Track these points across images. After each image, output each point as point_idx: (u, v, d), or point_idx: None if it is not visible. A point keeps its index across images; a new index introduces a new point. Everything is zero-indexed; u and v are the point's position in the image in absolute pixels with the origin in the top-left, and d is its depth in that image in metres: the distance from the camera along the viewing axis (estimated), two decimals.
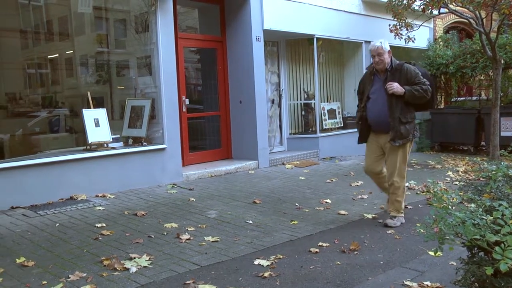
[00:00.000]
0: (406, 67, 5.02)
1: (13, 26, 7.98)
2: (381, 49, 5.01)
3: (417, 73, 4.99)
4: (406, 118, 4.95)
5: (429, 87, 4.94)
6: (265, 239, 4.50)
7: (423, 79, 4.97)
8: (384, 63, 5.01)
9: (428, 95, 4.95)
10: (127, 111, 7.34)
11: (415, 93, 4.89)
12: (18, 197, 5.67)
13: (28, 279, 3.55)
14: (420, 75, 5.00)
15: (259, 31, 8.45)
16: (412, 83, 4.93)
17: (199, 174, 7.54)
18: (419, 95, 4.91)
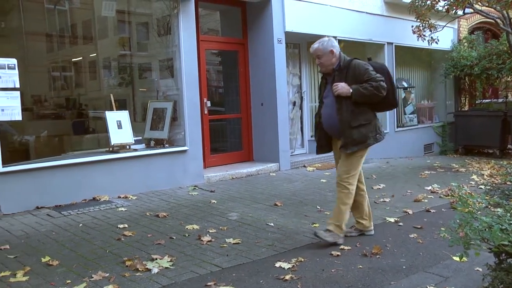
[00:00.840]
0: (354, 63, 4.42)
1: (40, 30, 8.13)
2: (319, 50, 4.46)
3: (367, 69, 4.36)
4: (357, 121, 4.35)
5: (382, 83, 4.30)
6: (286, 242, 4.48)
7: (375, 74, 4.34)
8: (325, 65, 4.49)
9: (380, 92, 4.30)
10: (149, 113, 7.41)
11: (363, 92, 4.30)
12: (43, 198, 5.77)
13: (53, 278, 3.60)
14: (371, 70, 4.36)
15: (281, 33, 8.44)
16: (362, 81, 4.33)
17: (221, 176, 7.56)
18: (369, 93, 4.30)
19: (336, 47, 4.47)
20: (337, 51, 4.48)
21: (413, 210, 5.66)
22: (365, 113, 4.41)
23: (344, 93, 4.33)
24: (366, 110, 4.42)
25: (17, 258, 4.04)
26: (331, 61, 4.47)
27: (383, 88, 4.32)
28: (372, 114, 4.48)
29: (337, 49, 4.48)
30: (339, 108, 4.40)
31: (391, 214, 5.47)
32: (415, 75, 12.76)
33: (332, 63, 4.47)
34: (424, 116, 12.59)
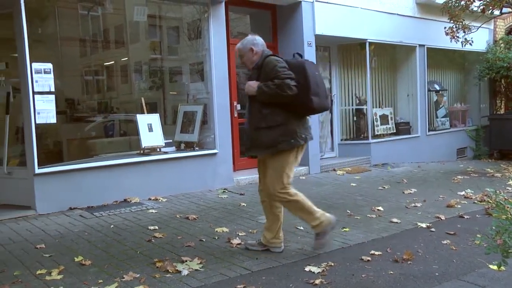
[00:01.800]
0: (267, 60, 4.07)
1: (73, 36, 8.32)
2: (239, 50, 4.24)
3: (275, 66, 3.97)
4: (265, 123, 4.00)
5: (287, 81, 3.89)
6: None
7: (283, 72, 3.93)
8: (247, 64, 4.25)
9: (284, 91, 3.88)
10: (180, 116, 7.48)
11: (265, 90, 3.95)
12: (76, 199, 5.89)
13: (86, 277, 3.67)
14: (279, 67, 3.95)
15: (311, 36, 8.41)
16: (270, 78, 3.96)
17: (250, 179, 7.57)
18: (271, 91, 3.93)
19: (257, 45, 4.19)
20: (258, 48, 4.18)
21: (446, 216, 5.53)
22: (276, 115, 4.01)
23: (250, 91, 4.08)
24: (278, 111, 4.01)
25: (52, 257, 4.13)
26: (251, 60, 4.20)
27: (288, 86, 3.89)
28: (285, 116, 4.01)
29: (258, 47, 4.18)
30: (248, 109, 4.19)
31: (423, 219, 5.37)
32: (448, 77, 12.51)
33: (253, 61, 4.20)
34: (457, 119, 12.33)
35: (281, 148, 4.02)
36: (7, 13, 5.89)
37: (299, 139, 4.06)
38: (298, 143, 4.06)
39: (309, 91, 3.95)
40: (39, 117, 5.70)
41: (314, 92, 3.98)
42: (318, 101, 4.01)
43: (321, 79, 4.15)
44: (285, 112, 4.02)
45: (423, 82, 10.86)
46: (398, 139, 10.26)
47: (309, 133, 4.20)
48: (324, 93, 4.11)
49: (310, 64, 4.13)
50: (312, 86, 3.97)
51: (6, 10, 5.84)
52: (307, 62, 4.12)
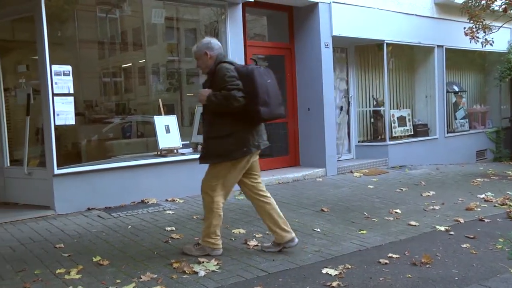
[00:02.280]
0: (218, 68, 4.00)
1: (92, 38, 8.40)
2: (195, 53, 4.18)
3: (224, 75, 3.93)
4: (215, 132, 4.01)
5: (234, 92, 3.85)
6: (333, 248, 4.42)
7: (231, 82, 3.90)
8: (203, 68, 4.18)
9: (229, 102, 3.86)
10: (197, 118, 7.48)
11: (213, 100, 3.92)
12: (94, 199, 5.95)
13: (104, 277, 3.70)
14: (228, 77, 3.91)
15: (328, 38, 8.38)
16: (220, 88, 3.93)
17: (267, 181, 7.55)
18: (218, 102, 3.90)
19: (211, 49, 4.11)
20: (213, 52, 4.10)
21: (465, 219, 5.45)
22: (227, 124, 3.99)
23: (201, 101, 4.06)
24: (229, 120, 3.99)
25: (70, 256, 4.18)
26: (206, 64, 4.12)
27: (234, 98, 3.86)
28: (236, 125, 3.99)
29: (213, 51, 4.11)
30: (202, 118, 4.20)
31: (441, 222, 5.30)
32: (467, 78, 12.35)
33: (208, 65, 4.12)
34: (477, 121, 12.16)
35: (233, 157, 4.02)
36: (28, 16, 5.99)
37: (251, 147, 4.04)
38: (250, 151, 4.04)
39: (257, 101, 3.89)
40: (58, 118, 5.77)
41: (262, 102, 3.91)
42: (267, 110, 3.95)
43: (274, 87, 4.06)
44: (236, 121, 3.98)
45: (442, 83, 10.74)
46: (416, 141, 10.17)
47: (263, 140, 4.16)
48: (276, 101, 4.04)
49: (261, 71, 4.02)
50: (261, 96, 3.90)
51: (27, 13, 5.94)
52: (257, 70, 4.00)
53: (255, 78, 3.91)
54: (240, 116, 3.96)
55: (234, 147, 3.99)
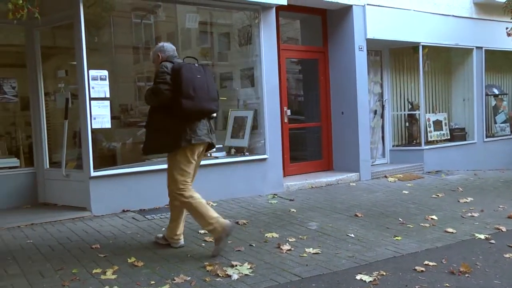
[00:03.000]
0: (159, 66, 4.33)
1: (127, 43, 8.57)
2: (151, 56, 4.58)
3: (158, 71, 4.27)
4: (154, 126, 4.34)
5: (159, 86, 4.17)
6: (367, 254, 4.35)
7: (160, 77, 4.19)
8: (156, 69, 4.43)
9: (156, 95, 4.20)
10: (230, 121, 7.54)
11: (146, 95, 4.33)
12: (129, 201, 6.04)
13: (138, 278, 3.75)
14: (160, 73, 4.22)
15: (362, 41, 8.29)
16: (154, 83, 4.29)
17: (300, 185, 7.53)
18: (147, 95, 4.31)
19: (164, 51, 4.45)
20: (164, 54, 4.43)
21: (507, 227, 5.26)
22: (163, 119, 4.26)
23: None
24: (165, 115, 4.25)
25: (106, 257, 4.26)
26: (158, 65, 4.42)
27: (159, 90, 4.18)
28: (170, 121, 4.22)
29: (165, 53, 4.44)
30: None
31: (481, 230, 5.14)
32: (509, 81, 11.95)
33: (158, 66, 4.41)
34: None
35: (166, 150, 4.36)
36: (67, 24, 6.16)
37: (182, 141, 4.22)
38: (179, 145, 4.23)
39: (181, 94, 4.13)
40: (94, 122, 5.90)
41: (186, 95, 4.14)
42: (191, 103, 4.16)
43: (202, 82, 4.27)
44: (171, 116, 4.22)
45: (480, 86, 10.46)
46: (453, 146, 9.93)
47: (198, 135, 4.30)
48: (204, 95, 4.24)
49: (191, 67, 4.27)
50: (184, 90, 4.13)
51: (67, 21, 6.11)
52: (187, 66, 4.27)
53: (182, 73, 4.17)
54: (175, 111, 4.20)
55: (167, 140, 4.25)
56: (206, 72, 4.39)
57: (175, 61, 4.39)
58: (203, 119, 4.39)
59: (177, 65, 4.28)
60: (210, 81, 4.40)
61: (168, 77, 4.21)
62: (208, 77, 4.38)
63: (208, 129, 4.44)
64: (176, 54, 4.52)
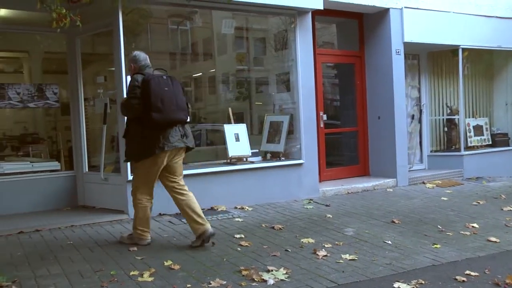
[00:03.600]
0: (131, 79, 4.64)
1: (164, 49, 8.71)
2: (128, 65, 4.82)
3: (129, 85, 4.58)
4: (129, 135, 4.65)
5: (130, 100, 4.47)
6: (405, 262, 4.26)
7: (132, 91, 4.49)
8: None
9: (127, 109, 4.58)
10: (266, 126, 7.54)
11: (119, 108, 4.69)
12: (166, 205, 6.05)
13: (175, 281, 3.78)
14: (130, 86, 4.53)
15: (399, 44, 8.16)
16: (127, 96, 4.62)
17: (336, 191, 7.46)
18: (120, 109, 4.70)
19: (135, 61, 4.69)
20: (136, 64, 4.68)
21: None
22: (136, 127, 4.56)
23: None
24: (135, 126, 4.57)
25: (143, 259, 4.31)
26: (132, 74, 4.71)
27: (130, 105, 4.51)
28: (143, 129, 4.49)
29: (137, 63, 4.68)
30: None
31: None
32: None
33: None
34: None
35: (140, 157, 4.59)
36: (106, 31, 6.31)
37: (156, 149, 4.48)
38: (153, 152, 4.48)
39: (150, 107, 4.40)
40: None
41: (155, 109, 4.40)
42: (159, 116, 4.42)
43: (170, 94, 4.51)
44: (144, 125, 4.49)
45: None
46: (495, 151, 9.63)
47: (170, 142, 4.52)
48: (172, 107, 4.49)
49: (159, 80, 4.50)
50: (153, 103, 4.40)
51: (106, 28, 6.26)
52: (155, 79, 4.49)
53: (151, 86, 4.43)
54: (146, 123, 4.47)
55: (142, 148, 4.52)
56: (174, 83, 4.62)
57: (146, 72, 4.63)
58: (175, 126, 4.61)
59: (146, 78, 4.51)
60: (177, 92, 4.61)
61: (139, 90, 4.46)
62: (175, 88, 4.60)
63: (182, 134, 4.66)
64: (147, 63, 4.74)
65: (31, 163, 6.74)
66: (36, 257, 4.45)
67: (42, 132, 8.03)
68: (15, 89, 6.69)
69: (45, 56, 8.72)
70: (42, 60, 8.77)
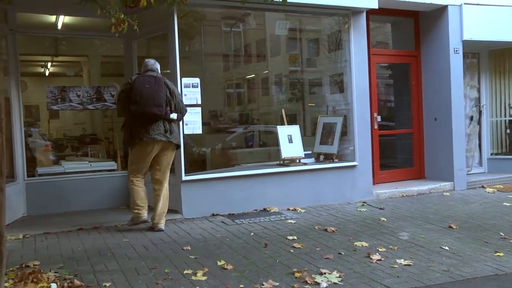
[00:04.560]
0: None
1: (217, 51, 8.82)
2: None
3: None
4: (123, 126, 5.50)
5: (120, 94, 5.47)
6: (464, 269, 4.09)
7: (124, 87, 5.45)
8: None
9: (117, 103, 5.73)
10: (319, 127, 7.48)
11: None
12: (218, 206, 6.18)
13: (227, 281, 3.81)
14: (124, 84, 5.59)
15: (458, 43, 7.87)
16: None
17: (390, 193, 7.30)
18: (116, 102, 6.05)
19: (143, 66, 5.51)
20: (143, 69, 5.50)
21: None
22: (126, 122, 5.42)
23: None
24: (127, 119, 5.40)
25: (196, 259, 4.37)
26: None
27: (118, 99, 5.51)
28: (132, 122, 5.31)
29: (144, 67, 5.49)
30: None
31: None
32: None
33: None
34: None
35: (127, 145, 5.51)
36: (161, 34, 6.46)
37: (136, 139, 5.27)
38: (134, 142, 5.30)
39: (131, 100, 5.22)
40: (186, 128, 6.12)
41: (133, 102, 5.21)
42: (135, 108, 5.21)
43: (149, 91, 5.21)
44: (132, 119, 5.30)
45: None
46: None
47: (149, 134, 5.24)
48: (149, 102, 5.19)
49: (143, 79, 5.31)
50: (134, 97, 5.20)
51: (161, 32, 6.41)
52: (140, 78, 5.34)
53: (134, 84, 5.27)
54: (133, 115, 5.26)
55: (129, 138, 5.37)
56: (156, 82, 5.29)
57: (143, 74, 5.42)
58: (159, 121, 5.28)
59: (135, 77, 5.42)
60: (157, 90, 5.26)
61: (128, 87, 5.31)
62: (156, 87, 5.27)
63: (165, 130, 5.32)
64: (151, 67, 5.45)
65: (89, 162, 7.01)
66: (94, 253, 4.61)
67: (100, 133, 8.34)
68: (75, 91, 6.97)
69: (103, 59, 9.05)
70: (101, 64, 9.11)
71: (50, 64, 9.93)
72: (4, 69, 6.20)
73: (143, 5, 4.20)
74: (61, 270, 4.06)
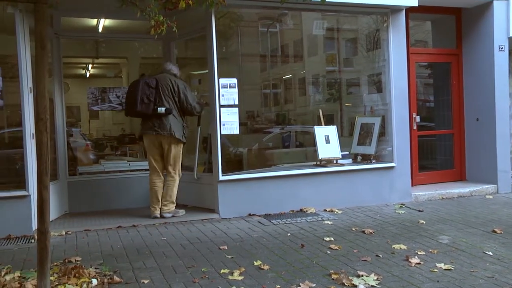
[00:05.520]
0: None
1: (254, 52, 8.85)
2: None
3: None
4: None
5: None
6: (511, 277, 3.94)
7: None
8: None
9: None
10: (357, 128, 7.39)
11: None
12: (255, 206, 6.19)
13: (264, 281, 3.80)
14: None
15: (503, 40, 7.60)
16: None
17: (429, 196, 7.13)
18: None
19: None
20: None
21: None
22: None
23: None
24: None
25: (233, 258, 4.39)
26: None
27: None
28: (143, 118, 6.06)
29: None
30: None
31: None
32: None
33: None
34: None
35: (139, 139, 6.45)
36: (199, 36, 6.53)
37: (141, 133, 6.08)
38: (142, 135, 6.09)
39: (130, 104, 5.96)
40: (224, 128, 6.15)
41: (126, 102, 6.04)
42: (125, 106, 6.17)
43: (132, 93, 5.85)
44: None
45: None
46: None
47: (144, 129, 5.99)
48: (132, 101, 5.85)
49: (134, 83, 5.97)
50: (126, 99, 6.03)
51: (199, 33, 6.48)
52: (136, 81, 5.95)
53: (129, 87, 6.11)
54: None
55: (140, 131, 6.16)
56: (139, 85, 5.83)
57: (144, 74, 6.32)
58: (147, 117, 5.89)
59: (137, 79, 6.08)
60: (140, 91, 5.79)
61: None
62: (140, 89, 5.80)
63: (156, 124, 5.86)
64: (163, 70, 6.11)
65: (128, 162, 7.15)
66: (133, 250, 4.70)
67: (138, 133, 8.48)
68: (115, 92, 7.13)
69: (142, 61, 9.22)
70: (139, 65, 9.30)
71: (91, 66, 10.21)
72: (49, 71, 6.41)
73: (181, 7, 4.24)
74: (101, 267, 4.17)
